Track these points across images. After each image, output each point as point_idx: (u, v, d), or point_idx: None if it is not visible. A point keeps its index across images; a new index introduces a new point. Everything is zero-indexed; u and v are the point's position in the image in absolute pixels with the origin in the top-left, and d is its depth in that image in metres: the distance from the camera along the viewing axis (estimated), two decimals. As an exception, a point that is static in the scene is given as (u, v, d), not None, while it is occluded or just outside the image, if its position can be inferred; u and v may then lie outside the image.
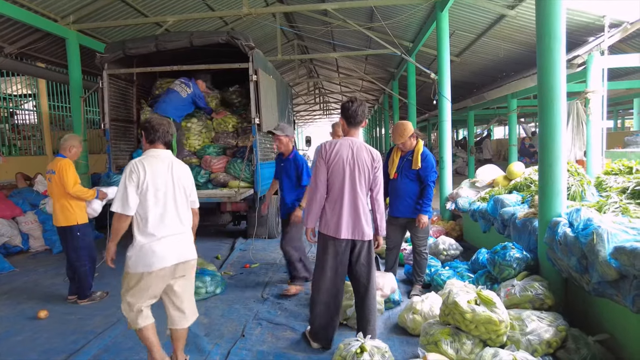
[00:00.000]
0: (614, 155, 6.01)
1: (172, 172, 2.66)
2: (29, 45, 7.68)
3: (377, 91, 19.52)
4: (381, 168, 3.03)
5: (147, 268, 2.54)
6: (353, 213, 2.94)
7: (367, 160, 2.94)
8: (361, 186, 2.94)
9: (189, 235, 2.75)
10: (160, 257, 2.55)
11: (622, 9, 5.99)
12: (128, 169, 2.56)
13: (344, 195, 2.92)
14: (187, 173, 2.77)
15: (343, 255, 2.99)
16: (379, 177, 3.01)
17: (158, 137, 2.68)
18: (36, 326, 3.65)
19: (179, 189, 2.67)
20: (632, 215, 3.04)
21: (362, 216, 2.95)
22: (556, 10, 3.13)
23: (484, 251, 4.11)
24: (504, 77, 10.55)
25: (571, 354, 2.60)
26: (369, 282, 3.04)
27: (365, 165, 2.93)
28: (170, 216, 2.61)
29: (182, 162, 2.80)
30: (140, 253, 2.54)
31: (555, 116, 3.17)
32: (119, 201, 2.53)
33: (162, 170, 2.62)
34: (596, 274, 2.61)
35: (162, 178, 2.60)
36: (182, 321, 2.74)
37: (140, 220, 2.57)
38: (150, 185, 2.55)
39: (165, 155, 2.69)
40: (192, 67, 5.91)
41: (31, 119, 9.98)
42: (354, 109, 2.94)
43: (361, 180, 2.94)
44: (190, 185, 2.78)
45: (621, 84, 9.31)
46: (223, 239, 6.79)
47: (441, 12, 6.60)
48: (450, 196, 6.48)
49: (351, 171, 2.91)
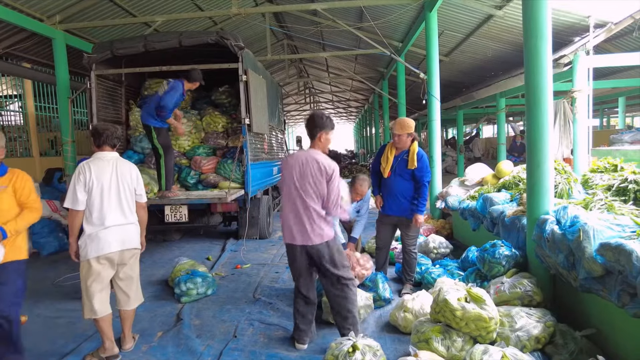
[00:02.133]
0: (599, 153, 6.13)
1: (117, 171, 3.06)
2: (14, 45, 7.57)
3: (367, 91, 19.58)
4: (335, 179, 2.96)
5: (94, 253, 2.94)
6: (298, 220, 2.99)
7: (316, 172, 2.94)
8: (306, 194, 2.95)
9: (135, 227, 3.15)
10: (106, 243, 2.96)
11: (606, 10, 6.09)
12: (77, 171, 2.98)
13: (288, 203, 3.03)
14: (131, 171, 3.15)
15: (300, 260, 3.07)
16: (332, 188, 2.95)
17: (103, 141, 3.08)
18: (24, 330, 3.58)
19: (123, 186, 3.06)
20: (617, 212, 3.11)
21: (307, 222, 2.96)
22: (542, 10, 3.17)
23: (473, 249, 4.15)
24: (492, 76, 10.66)
25: (559, 349, 2.65)
26: (336, 283, 3.04)
27: (313, 176, 2.94)
28: (114, 209, 3.01)
29: (126, 161, 3.19)
30: (88, 240, 2.95)
31: (542, 115, 3.22)
32: (70, 198, 2.94)
33: (108, 169, 3.02)
34: (583, 270, 2.66)
35: (107, 176, 3.00)
36: (127, 303, 3.16)
37: (88, 214, 2.96)
38: (95, 183, 2.96)
39: (110, 157, 3.09)
40: (181, 68, 5.86)
41: (17, 120, 9.83)
42: (307, 124, 3.07)
43: (307, 190, 2.95)
44: (135, 182, 3.16)
45: (606, 83, 9.48)
46: (214, 240, 6.76)
47: (430, 12, 6.65)
48: (440, 195, 6.53)
49: (297, 181, 2.97)
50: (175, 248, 6.34)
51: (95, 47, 5.85)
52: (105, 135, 3.06)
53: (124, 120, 6.62)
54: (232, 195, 5.35)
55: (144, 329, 3.53)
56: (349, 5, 7.43)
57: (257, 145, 6.41)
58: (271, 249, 6.10)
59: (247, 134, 5.67)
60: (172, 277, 4.45)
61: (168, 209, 5.54)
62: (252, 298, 4.19)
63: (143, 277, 4.94)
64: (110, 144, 3.10)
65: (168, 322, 3.69)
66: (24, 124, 9.28)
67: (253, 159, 5.95)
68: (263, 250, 6.02)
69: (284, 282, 4.63)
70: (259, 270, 5.09)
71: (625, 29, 6.37)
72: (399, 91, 10.43)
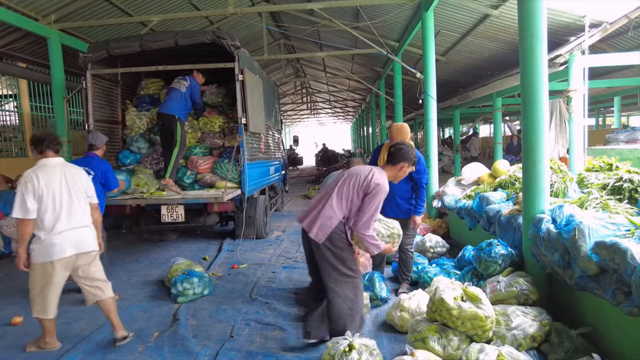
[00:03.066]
0: (595, 153, 6.16)
1: (65, 175, 3.08)
2: (9, 44, 7.52)
3: (364, 90, 19.58)
4: (376, 198, 2.88)
5: (47, 258, 2.98)
6: (316, 213, 2.98)
7: (357, 182, 2.94)
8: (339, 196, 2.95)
9: (89, 230, 3.19)
10: (60, 248, 2.99)
11: (601, 9, 6.12)
12: (23, 180, 2.98)
13: (321, 193, 3.10)
14: (78, 174, 3.18)
15: (306, 245, 3.13)
16: (369, 206, 2.87)
17: (46, 147, 3.09)
18: (19, 331, 3.57)
19: (74, 189, 3.09)
20: (612, 210, 3.12)
21: (320, 219, 2.93)
22: (537, 10, 3.18)
23: (470, 248, 4.16)
24: (488, 76, 10.68)
25: (555, 347, 2.66)
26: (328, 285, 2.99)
27: (354, 186, 2.93)
28: (66, 214, 3.03)
29: (73, 165, 3.24)
30: (41, 246, 2.99)
31: (538, 115, 3.23)
32: (19, 208, 2.93)
33: (56, 175, 3.04)
34: (578, 268, 2.67)
35: (57, 182, 3.02)
36: (99, 293, 3.22)
37: (40, 221, 2.98)
38: (45, 190, 2.97)
39: (56, 162, 3.10)
40: (177, 67, 5.85)
41: (12, 120, 9.77)
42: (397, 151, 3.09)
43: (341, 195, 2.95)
44: (85, 184, 3.19)
45: (602, 83, 9.52)
46: (210, 240, 6.75)
47: (426, 11, 6.66)
48: (437, 194, 6.55)
49: (340, 183, 2.98)
50: (172, 248, 6.32)
51: (91, 46, 5.82)
52: (48, 141, 3.09)
53: (120, 120, 6.60)
54: (229, 195, 5.34)
55: (140, 329, 3.51)
56: (345, 4, 7.43)
57: (254, 145, 6.40)
58: (268, 249, 6.10)
59: (244, 133, 5.67)
60: (169, 277, 4.44)
61: (164, 209, 5.52)
62: (249, 298, 4.18)
63: (139, 277, 4.95)
64: (54, 150, 3.13)
65: (164, 323, 3.67)
66: (19, 124, 9.23)
67: (250, 159, 5.94)
68: (260, 250, 6.02)
69: (281, 282, 4.63)
70: (255, 270, 5.08)
71: (620, 29, 6.39)
72: (396, 91, 10.44)
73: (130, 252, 6.09)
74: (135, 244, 6.59)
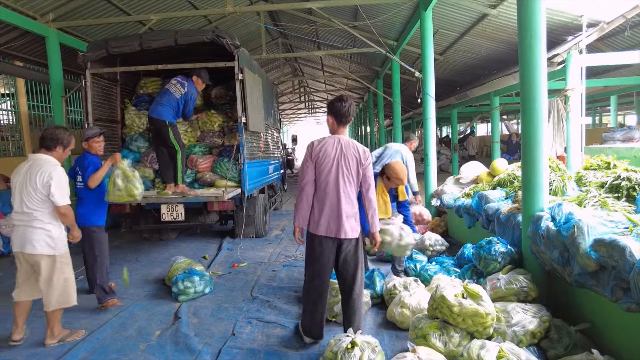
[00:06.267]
0: (592, 151, 6.20)
1: (28, 172, 3.11)
2: (7, 43, 7.49)
3: (361, 89, 19.59)
4: (370, 166, 3.02)
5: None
6: (338, 211, 2.91)
7: (354, 158, 2.93)
8: (349, 184, 2.92)
9: (40, 231, 3.11)
10: (14, 241, 3.19)
11: (598, 9, 6.15)
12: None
13: (329, 193, 2.91)
14: (41, 174, 3.08)
15: (330, 253, 2.98)
16: (368, 174, 2.99)
17: (40, 145, 3.23)
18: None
19: (26, 187, 3.08)
20: (610, 208, 3.15)
21: (346, 214, 2.92)
22: (537, 9, 3.21)
23: (469, 246, 4.20)
24: (486, 75, 10.72)
25: (554, 343, 2.69)
26: (354, 281, 3.04)
27: (352, 163, 2.92)
28: (17, 209, 3.13)
29: (46, 164, 3.13)
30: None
31: (537, 113, 3.25)
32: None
33: (22, 171, 3.15)
34: (577, 265, 2.70)
35: (18, 178, 3.14)
36: (44, 303, 3.21)
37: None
38: (13, 183, 3.17)
39: (33, 158, 3.19)
40: (176, 66, 5.84)
41: (9, 119, 9.73)
42: (346, 108, 2.96)
43: (349, 178, 2.92)
44: (41, 185, 3.07)
45: (599, 82, 9.57)
46: (210, 239, 6.76)
47: (425, 11, 6.68)
48: (435, 193, 6.58)
49: (337, 169, 2.89)
50: (172, 247, 6.33)
51: (90, 45, 5.81)
52: (41, 139, 3.23)
53: (119, 119, 6.59)
54: (229, 194, 5.35)
55: (141, 328, 3.52)
56: (344, 3, 7.44)
57: (253, 144, 6.41)
58: (268, 248, 6.11)
59: (244, 132, 5.67)
60: (169, 276, 4.44)
61: (164, 208, 5.53)
62: (250, 296, 4.20)
63: (139, 276, 4.96)
64: (44, 147, 3.22)
65: (166, 321, 3.68)
66: (16, 123, 9.19)
67: (249, 158, 5.95)
68: (259, 249, 6.03)
69: (281, 280, 4.65)
70: (255, 269, 5.09)
71: (617, 28, 6.44)
72: (394, 90, 10.47)
73: (130, 251, 6.10)
74: (135, 243, 6.59)
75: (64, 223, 3.24)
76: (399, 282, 3.74)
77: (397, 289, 3.66)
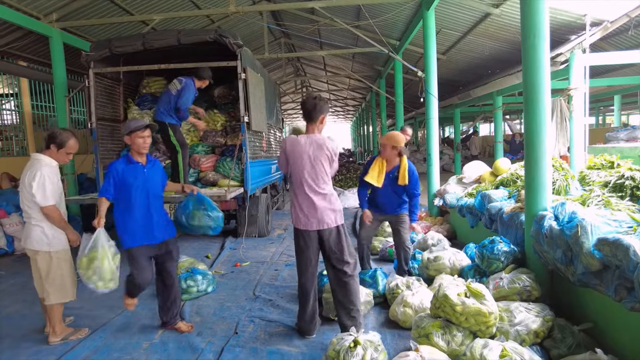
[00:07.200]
0: (596, 151, 6.17)
1: (26, 170, 3.19)
2: (10, 43, 7.52)
3: (364, 89, 19.58)
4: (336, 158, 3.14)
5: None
6: (314, 206, 3.04)
7: (323, 154, 3.05)
8: (320, 179, 3.05)
9: (36, 228, 3.19)
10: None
11: (602, 8, 6.13)
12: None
13: (302, 188, 3.06)
14: (28, 172, 3.16)
15: (312, 246, 3.11)
16: (335, 166, 3.16)
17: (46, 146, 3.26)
18: (24, 327, 3.60)
19: (22, 187, 3.17)
20: (614, 208, 3.14)
21: (321, 208, 3.04)
22: (540, 8, 3.20)
23: (472, 246, 4.19)
24: (489, 74, 10.70)
25: (557, 343, 2.68)
26: (343, 265, 3.09)
27: (324, 159, 3.05)
28: (21, 205, 3.22)
29: (36, 164, 3.17)
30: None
31: (540, 113, 3.25)
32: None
33: (25, 169, 3.24)
34: (580, 265, 2.69)
35: (22, 176, 3.23)
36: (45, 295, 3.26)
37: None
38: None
39: (34, 158, 3.24)
40: (179, 66, 5.86)
41: (13, 119, 9.77)
42: (307, 106, 3.10)
43: (318, 175, 3.04)
44: (29, 184, 3.11)
45: (602, 81, 9.53)
46: (212, 238, 6.76)
47: (427, 10, 6.67)
48: (438, 192, 6.57)
49: (308, 165, 3.03)
50: (174, 246, 6.33)
51: (93, 45, 5.83)
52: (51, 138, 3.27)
53: (122, 118, 6.61)
54: (232, 193, 5.36)
55: (144, 326, 3.54)
56: (346, 3, 7.43)
57: (256, 143, 6.42)
58: (270, 247, 6.12)
59: (246, 132, 5.68)
60: (172, 274, 4.44)
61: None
62: (252, 295, 4.21)
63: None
64: (45, 146, 3.30)
65: (169, 320, 3.69)
66: (20, 122, 9.23)
67: (252, 157, 5.96)
68: (262, 248, 6.04)
69: (284, 279, 4.65)
70: (258, 268, 5.10)
71: (620, 27, 6.41)
72: (397, 89, 10.46)
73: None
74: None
75: (52, 224, 3.20)
76: (402, 281, 3.74)
77: (400, 288, 3.66)
